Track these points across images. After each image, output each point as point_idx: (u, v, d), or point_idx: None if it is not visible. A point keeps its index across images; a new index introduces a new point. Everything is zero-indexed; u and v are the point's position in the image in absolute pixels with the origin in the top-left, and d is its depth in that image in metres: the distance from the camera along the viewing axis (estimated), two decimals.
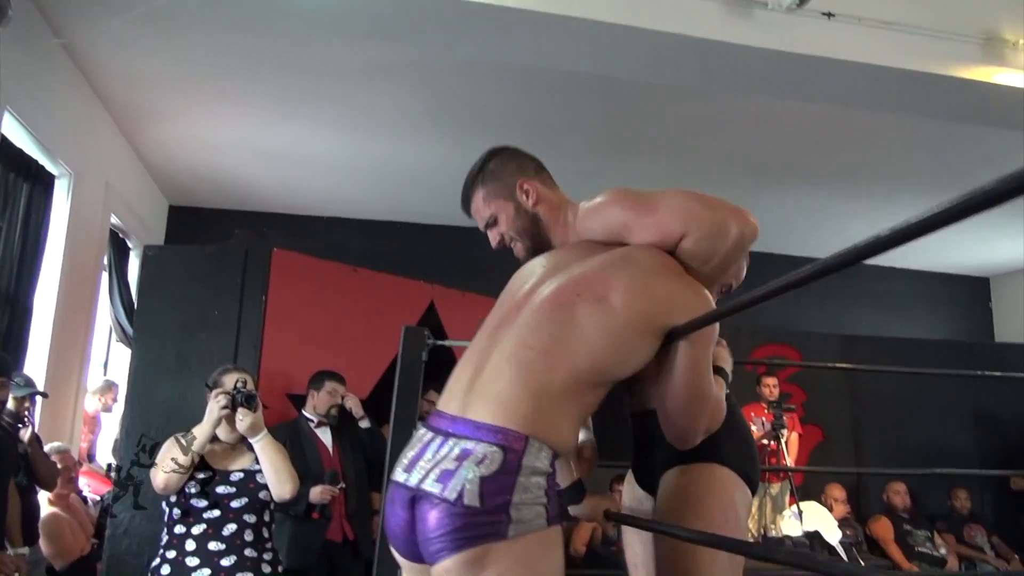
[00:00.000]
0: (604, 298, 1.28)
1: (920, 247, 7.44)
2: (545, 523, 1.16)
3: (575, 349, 1.24)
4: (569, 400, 1.23)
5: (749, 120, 4.69)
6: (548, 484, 1.18)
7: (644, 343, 1.29)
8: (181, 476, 2.51)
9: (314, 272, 4.21)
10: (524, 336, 1.27)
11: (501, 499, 1.13)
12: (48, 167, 4.19)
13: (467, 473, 1.14)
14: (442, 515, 1.14)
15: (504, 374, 1.24)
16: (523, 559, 1.13)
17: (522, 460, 1.16)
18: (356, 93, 4.64)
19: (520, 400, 1.20)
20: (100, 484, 4.71)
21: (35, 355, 4.11)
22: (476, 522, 1.12)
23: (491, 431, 1.18)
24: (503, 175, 1.64)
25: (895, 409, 6.04)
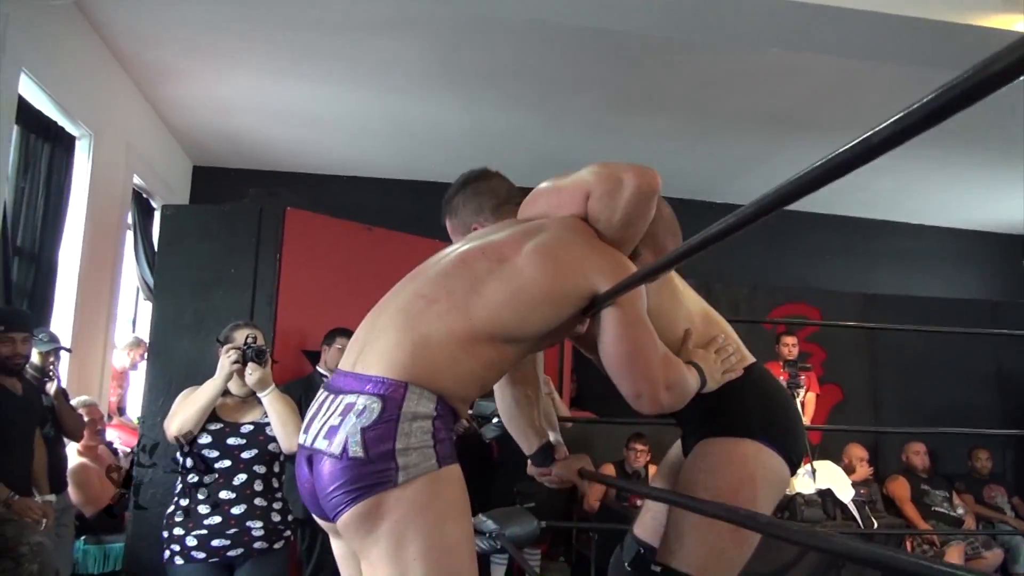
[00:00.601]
0: (507, 258, 1.32)
1: (950, 203, 7.30)
2: (436, 464, 1.18)
3: (470, 301, 1.27)
4: (459, 350, 1.24)
5: (764, 74, 4.59)
6: (435, 427, 1.20)
7: (549, 306, 1.31)
8: (194, 427, 2.60)
9: (328, 230, 4.26)
10: (420, 287, 1.31)
11: (384, 447, 1.15)
12: (68, 128, 4.27)
13: (349, 426, 1.17)
14: (332, 470, 1.17)
15: (392, 325, 1.26)
16: (417, 502, 1.16)
17: (402, 407, 1.18)
18: (370, 49, 4.63)
19: (400, 348, 1.22)
20: (130, 436, 4.87)
21: (61, 312, 4.24)
22: (365, 472, 1.15)
23: (372, 382, 1.20)
24: (463, 214, 1.72)
25: (916, 369, 5.99)
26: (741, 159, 6.28)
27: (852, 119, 5.17)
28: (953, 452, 5.81)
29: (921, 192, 6.98)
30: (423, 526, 1.16)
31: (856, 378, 6.05)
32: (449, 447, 1.22)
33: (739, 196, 6.99)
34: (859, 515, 4.62)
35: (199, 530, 2.58)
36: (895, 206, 7.43)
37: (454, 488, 1.21)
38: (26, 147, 3.85)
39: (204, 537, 2.58)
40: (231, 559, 2.61)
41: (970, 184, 6.73)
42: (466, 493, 1.24)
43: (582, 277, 1.32)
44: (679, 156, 6.25)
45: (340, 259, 4.24)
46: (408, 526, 1.16)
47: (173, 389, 3.64)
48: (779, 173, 4.97)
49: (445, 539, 1.18)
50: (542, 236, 1.36)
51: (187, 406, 2.63)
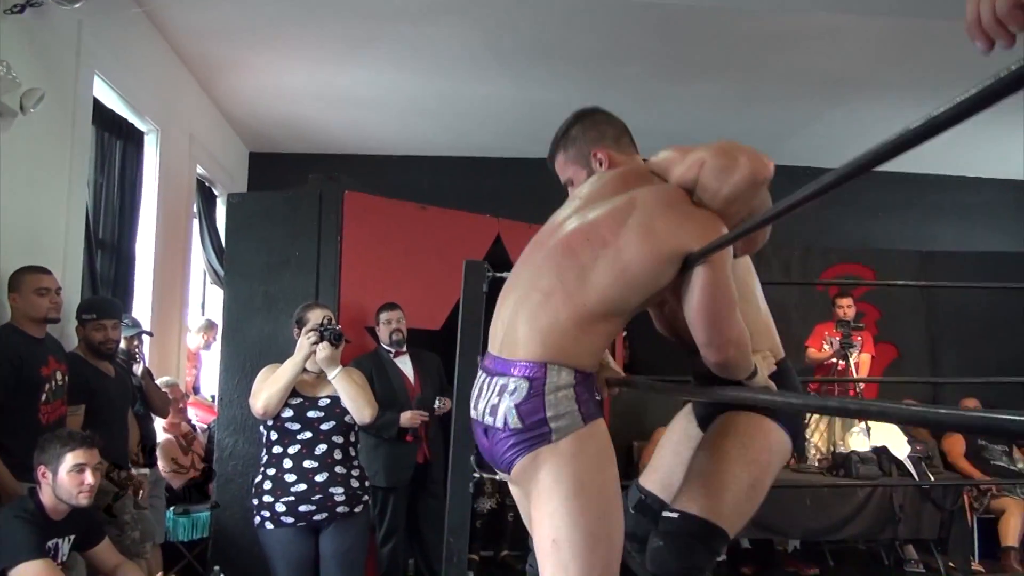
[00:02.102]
0: (609, 242, 1.47)
1: (1009, 153, 7.11)
2: (582, 422, 1.43)
3: (581, 289, 1.45)
4: (579, 331, 1.45)
5: (811, 36, 4.56)
6: (577, 393, 1.44)
7: (651, 278, 1.46)
8: (278, 403, 2.80)
9: (385, 211, 4.41)
10: (534, 280, 1.51)
11: (536, 416, 1.42)
12: (137, 124, 4.50)
13: (506, 403, 1.45)
14: (501, 438, 1.46)
15: (520, 316, 1.49)
16: (566, 453, 1.41)
17: (545, 384, 1.43)
18: (417, 33, 4.74)
19: (532, 338, 1.46)
20: (206, 413, 5.16)
21: (140, 299, 4.51)
22: (524, 438, 1.43)
23: (517, 366, 1.46)
24: (581, 142, 1.78)
25: (974, 325, 5.93)
26: (791, 122, 6.22)
27: (902, 78, 5.11)
28: (1013, 406, 5.73)
29: (978, 143, 6.81)
30: (573, 471, 1.41)
31: (912, 337, 6.02)
32: (592, 406, 1.46)
33: (791, 158, 6.92)
34: (915, 471, 4.66)
35: (287, 497, 2.79)
36: (951, 159, 7.26)
37: (599, 439, 1.46)
38: (101, 145, 4.09)
39: (292, 503, 2.79)
40: (317, 523, 2.82)
41: None
42: (610, 443, 1.49)
43: (677, 244, 1.45)
44: (728, 121, 6.23)
45: (396, 238, 4.39)
46: (561, 471, 1.41)
47: (248, 368, 3.88)
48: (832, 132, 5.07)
49: (592, 481, 1.42)
50: (638, 214, 1.48)
51: (270, 384, 2.83)
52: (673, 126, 6.15)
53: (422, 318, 4.27)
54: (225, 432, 4.07)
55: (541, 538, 1.44)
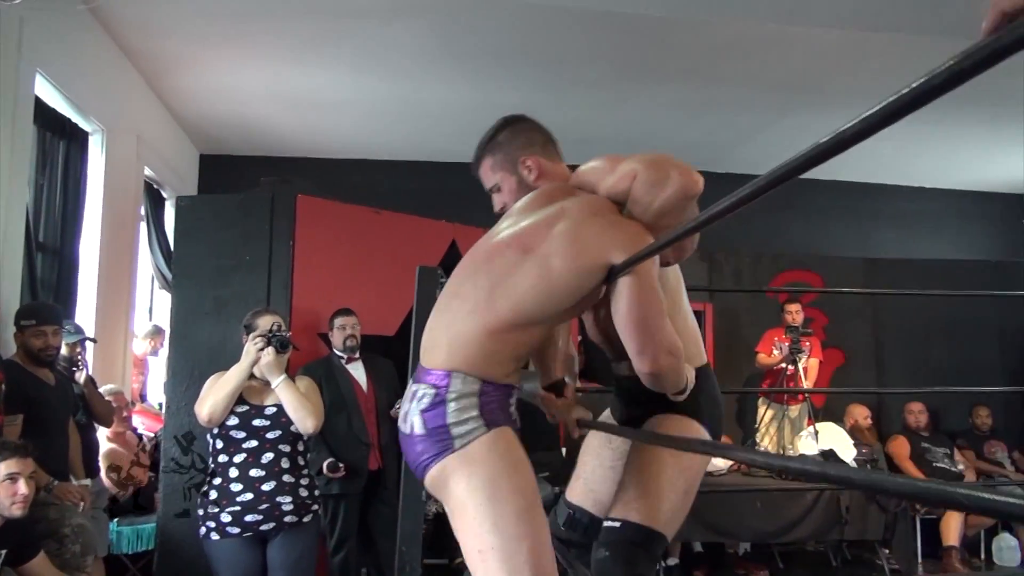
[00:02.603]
0: (532, 248, 1.47)
1: (951, 165, 7.35)
2: (485, 428, 1.42)
3: (494, 297, 1.45)
4: (489, 340, 1.44)
5: (764, 45, 4.65)
6: (481, 402, 1.43)
7: (570, 288, 1.46)
8: (223, 410, 2.74)
9: (338, 215, 4.37)
10: (458, 288, 1.52)
11: (439, 422, 1.42)
12: (81, 124, 4.38)
13: (414, 410, 1.46)
14: (409, 445, 1.47)
15: (439, 324, 1.51)
16: (474, 460, 1.40)
17: (448, 391, 1.43)
18: (373, 34, 4.71)
19: (439, 345, 1.47)
20: (153, 422, 5.04)
21: (84, 304, 4.39)
22: (429, 444, 1.43)
23: (430, 374, 1.46)
24: (510, 148, 1.77)
25: (918, 330, 6.10)
26: (744, 129, 6.34)
27: (850, 88, 5.24)
28: (954, 410, 5.94)
29: (920, 154, 7.03)
30: (484, 475, 1.40)
31: (858, 341, 6.17)
32: (499, 414, 1.45)
33: (743, 165, 7.07)
34: None
35: (232, 507, 2.73)
36: (895, 169, 7.49)
37: (506, 444, 1.44)
38: (43, 145, 3.96)
39: (237, 513, 2.73)
40: (264, 533, 2.77)
41: (969, 145, 6.78)
42: (519, 448, 1.46)
43: (600, 253, 1.45)
44: (683, 127, 6.31)
45: (351, 242, 4.35)
46: (471, 478, 1.40)
47: (196, 375, 3.79)
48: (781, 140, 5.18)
49: (505, 483, 1.40)
50: (564, 223, 1.49)
51: (215, 391, 2.77)
52: (629, 131, 6.22)
53: (376, 324, 4.23)
54: (172, 441, 3.97)
55: (468, 551, 1.42)
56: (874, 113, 0.67)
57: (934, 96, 0.61)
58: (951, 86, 0.60)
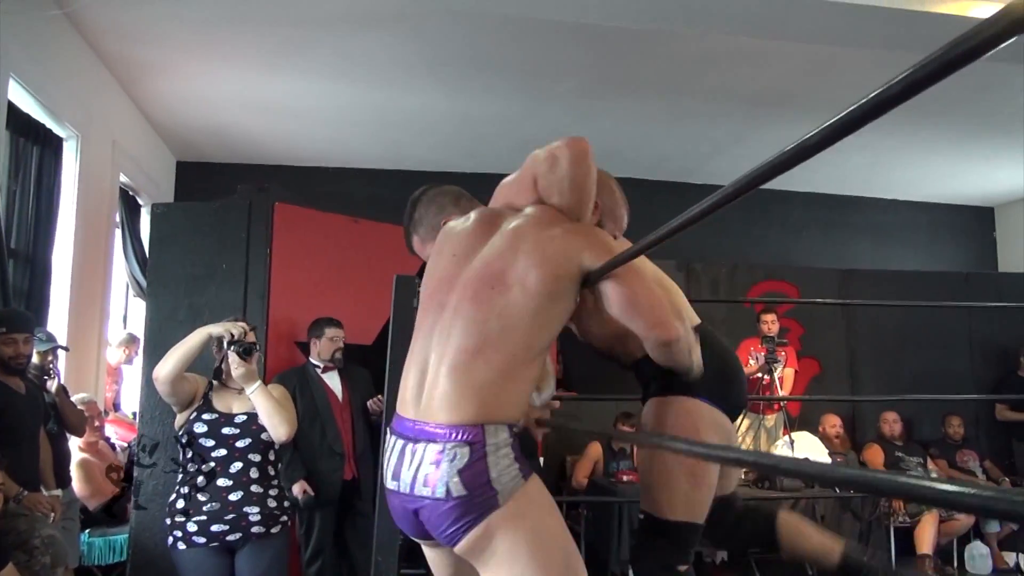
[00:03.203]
0: (510, 283, 1.47)
1: (923, 178, 7.48)
2: (522, 479, 1.40)
3: (505, 340, 1.44)
4: (508, 381, 1.44)
5: (738, 58, 4.72)
6: (513, 448, 1.42)
7: (558, 304, 1.49)
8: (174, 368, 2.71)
9: (316, 223, 4.35)
10: (456, 341, 1.46)
11: (482, 480, 1.37)
12: (55, 130, 4.33)
13: (446, 472, 1.38)
14: (443, 511, 1.38)
15: (448, 378, 1.44)
16: (518, 514, 1.38)
17: (485, 445, 1.39)
18: (351, 43, 4.71)
19: (466, 398, 1.41)
20: (127, 431, 4.97)
21: (56, 311, 4.32)
22: (471, 505, 1.37)
23: (452, 430, 1.39)
24: (428, 219, 1.85)
25: (891, 340, 6.18)
26: (718, 140, 6.41)
27: (823, 101, 5.32)
28: (927, 420, 6.02)
29: (894, 167, 7.15)
30: (528, 529, 1.38)
31: (833, 351, 6.24)
32: (525, 461, 1.44)
33: (717, 176, 7.15)
34: None
35: (199, 516, 2.70)
36: (869, 182, 7.61)
37: (540, 491, 1.44)
38: (16, 151, 3.91)
39: (204, 523, 2.70)
40: (231, 543, 2.73)
41: (940, 158, 6.91)
42: (547, 491, 1.47)
43: (570, 262, 1.48)
44: (658, 139, 6.37)
45: (328, 251, 4.33)
46: (516, 533, 1.37)
47: None
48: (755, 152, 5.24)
49: (547, 533, 1.41)
50: (525, 247, 1.50)
51: (172, 351, 2.74)
52: (603, 142, 6.24)
53: (353, 333, 4.21)
54: (146, 457, 3.91)
55: None
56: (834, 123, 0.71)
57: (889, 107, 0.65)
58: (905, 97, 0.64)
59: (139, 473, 3.83)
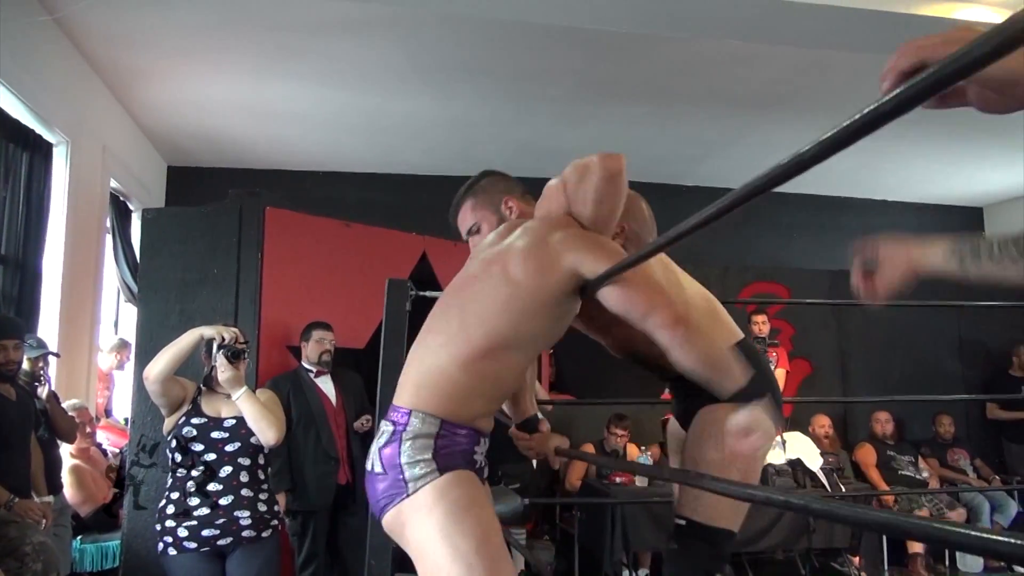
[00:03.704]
0: (496, 271, 1.48)
1: (912, 178, 7.52)
2: (437, 473, 1.40)
3: (465, 323, 1.44)
4: (458, 372, 1.42)
5: (727, 62, 4.74)
6: (437, 444, 1.41)
7: (542, 305, 1.45)
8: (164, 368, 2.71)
9: (307, 228, 4.35)
10: (431, 324, 1.52)
11: (393, 461, 1.41)
12: (45, 135, 4.31)
13: (374, 447, 1.46)
14: (370, 482, 1.46)
15: (411, 360, 1.50)
16: (424, 507, 1.38)
17: (405, 430, 1.42)
18: (342, 49, 4.71)
19: (411, 381, 1.46)
20: (118, 437, 4.95)
21: (47, 318, 4.30)
22: (387, 484, 1.42)
23: (393, 411, 1.46)
24: (492, 191, 1.85)
25: (882, 340, 6.21)
26: (708, 143, 6.43)
27: (812, 103, 5.35)
28: (918, 419, 6.06)
29: (883, 169, 7.19)
30: (433, 524, 1.37)
31: (824, 352, 6.26)
32: (455, 458, 1.42)
33: (708, 179, 7.18)
34: (827, 482, 4.84)
35: (189, 521, 2.70)
36: (859, 183, 7.64)
37: (459, 489, 1.40)
38: (5, 156, 3.90)
39: (195, 528, 2.70)
40: (222, 548, 2.73)
41: (929, 159, 6.95)
42: (474, 490, 1.43)
43: (563, 263, 1.44)
44: (649, 141, 6.39)
45: (320, 255, 4.34)
46: (422, 526, 1.38)
47: None
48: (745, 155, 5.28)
49: (455, 530, 1.37)
50: (526, 238, 1.51)
51: (164, 351, 2.75)
52: (594, 145, 6.23)
53: (346, 337, 4.22)
54: (145, 456, 3.91)
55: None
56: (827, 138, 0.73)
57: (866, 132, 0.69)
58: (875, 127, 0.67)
59: (139, 473, 3.83)
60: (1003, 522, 5.32)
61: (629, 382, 5.90)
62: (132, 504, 3.78)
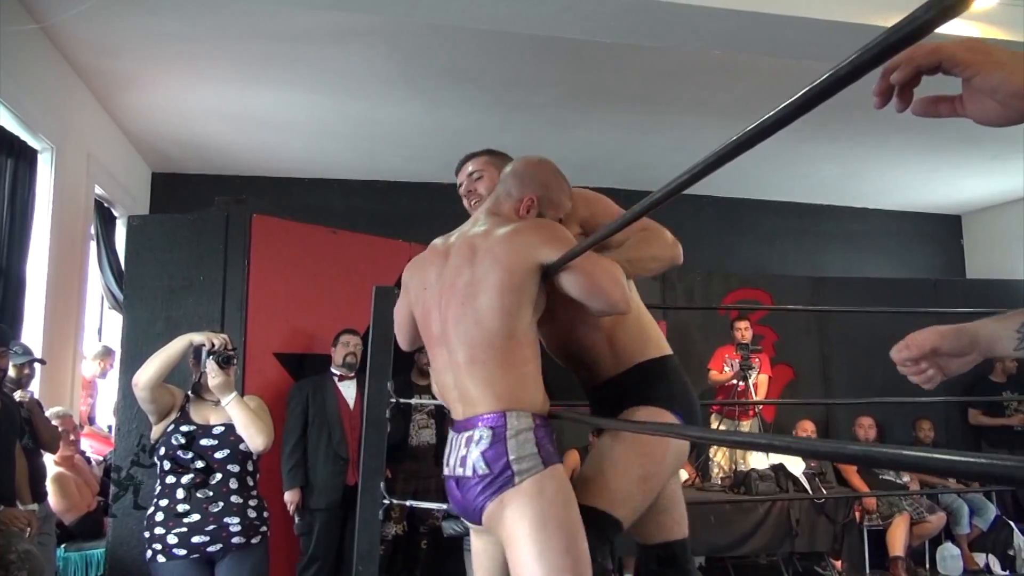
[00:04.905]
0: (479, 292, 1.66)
1: (892, 187, 7.63)
2: (542, 465, 1.57)
3: (491, 339, 1.63)
4: (512, 368, 1.63)
5: (712, 70, 4.80)
6: (536, 436, 1.59)
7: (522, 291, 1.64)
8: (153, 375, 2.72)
9: (294, 235, 4.36)
10: (459, 357, 1.68)
11: (502, 461, 1.57)
12: (30, 142, 4.30)
13: (473, 453, 1.61)
14: (471, 486, 1.61)
15: (472, 379, 1.66)
16: (528, 493, 1.55)
17: (506, 429, 1.59)
18: (327, 56, 4.73)
19: (486, 392, 1.64)
20: (102, 445, 4.93)
21: (31, 325, 4.29)
22: (492, 482, 1.58)
23: (480, 419, 1.63)
24: (506, 158, 2.01)
25: (863, 346, 6.28)
26: (693, 151, 6.44)
27: None
28: (898, 424, 6.13)
29: (864, 177, 7.29)
30: (536, 509, 1.53)
31: (807, 358, 6.33)
32: (551, 450, 1.61)
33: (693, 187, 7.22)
34: (809, 486, 4.89)
35: (179, 528, 2.70)
36: (840, 191, 7.75)
37: (558, 481, 1.58)
38: None
39: (184, 535, 2.70)
40: (211, 555, 2.74)
41: (909, 168, 7.06)
42: (568, 485, 1.60)
43: (525, 259, 1.63)
44: (633, 149, 6.45)
45: (307, 262, 4.35)
46: (524, 510, 1.54)
47: None
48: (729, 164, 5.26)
49: (554, 518, 1.53)
50: (478, 253, 1.68)
51: (153, 358, 2.75)
52: (579, 153, 6.34)
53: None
54: (122, 464, 3.90)
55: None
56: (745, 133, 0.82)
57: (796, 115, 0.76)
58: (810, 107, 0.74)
59: (139, 473, 3.82)
60: (982, 525, 5.39)
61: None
62: (132, 504, 3.77)
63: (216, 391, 2.80)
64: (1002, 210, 8.19)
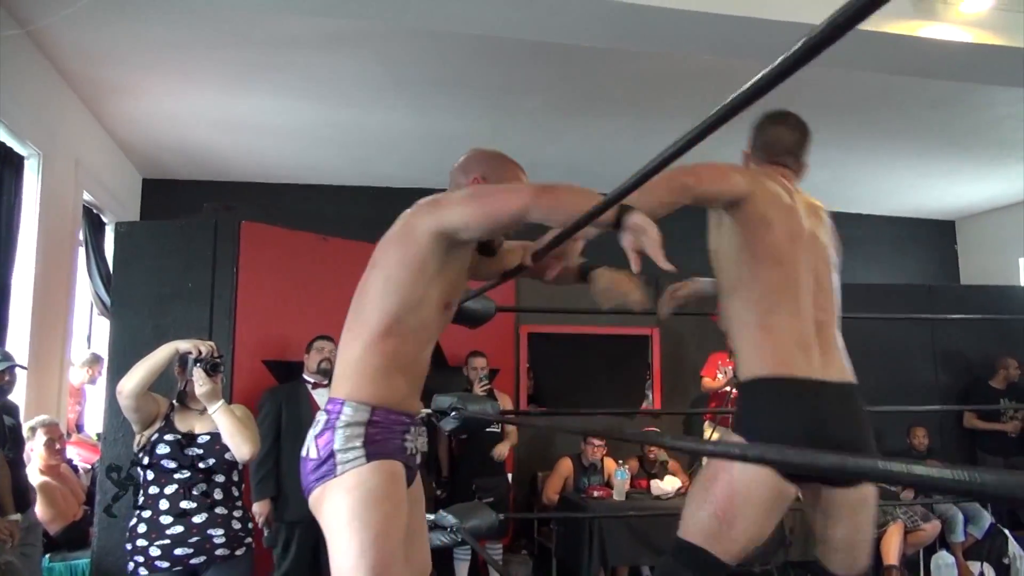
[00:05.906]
0: (373, 267, 1.65)
1: (886, 192, 7.63)
2: (365, 459, 1.54)
3: (363, 311, 1.61)
4: (366, 353, 1.58)
5: (702, 75, 4.78)
6: (368, 432, 1.56)
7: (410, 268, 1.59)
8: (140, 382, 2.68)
9: (284, 242, 4.33)
10: (346, 323, 1.66)
11: (327, 449, 1.56)
12: (16, 148, 4.27)
13: (310, 435, 1.61)
14: (303, 468, 1.62)
15: (338, 361, 1.67)
16: (345, 486, 1.53)
17: (338, 419, 1.57)
18: (318, 63, 4.71)
19: (339, 376, 1.63)
20: (90, 453, 4.88)
21: (16, 331, 4.24)
22: (317, 468, 1.57)
23: (329, 402, 1.62)
24: None
25: (857, 352, 6.18)
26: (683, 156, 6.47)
27: None
28: (893, 431, 6.10)
29: (857, 182, 7.28)
30: (347, 504, 1.51)
31: None
32: (385, 447, 1.57)
33: None
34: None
35: (162, 540, 2.65)
36: (833, 197, 7.69)
37: (378, 479, 1.54)
38: None
39: (167, 547, 2.65)
40: (194, 567, 2.69)
41: (902, 174, 7.06)
42: (395, 484, 1.57)
43: (414, 229, 1.60)
44: (624, 154, 6.42)
45: (296, 270, 4.31)
46: (337, 503, 1.52)
47: None
48: None
49: (360, 515, 1.50)
50: (388, 233, 1.68)
51: (138, 365, 2.70)
52: (570, 158, 6.31)
53: None
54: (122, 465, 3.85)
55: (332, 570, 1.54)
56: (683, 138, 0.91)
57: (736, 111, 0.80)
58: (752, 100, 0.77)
59: (138, 474, 3.76)
60: (976, 533, 5.36)
61: (605, 396, 5.92)
62: (132, 504, 3.71)
63: (203, 399, 2.76)
64: (996, 215, 8.19)
